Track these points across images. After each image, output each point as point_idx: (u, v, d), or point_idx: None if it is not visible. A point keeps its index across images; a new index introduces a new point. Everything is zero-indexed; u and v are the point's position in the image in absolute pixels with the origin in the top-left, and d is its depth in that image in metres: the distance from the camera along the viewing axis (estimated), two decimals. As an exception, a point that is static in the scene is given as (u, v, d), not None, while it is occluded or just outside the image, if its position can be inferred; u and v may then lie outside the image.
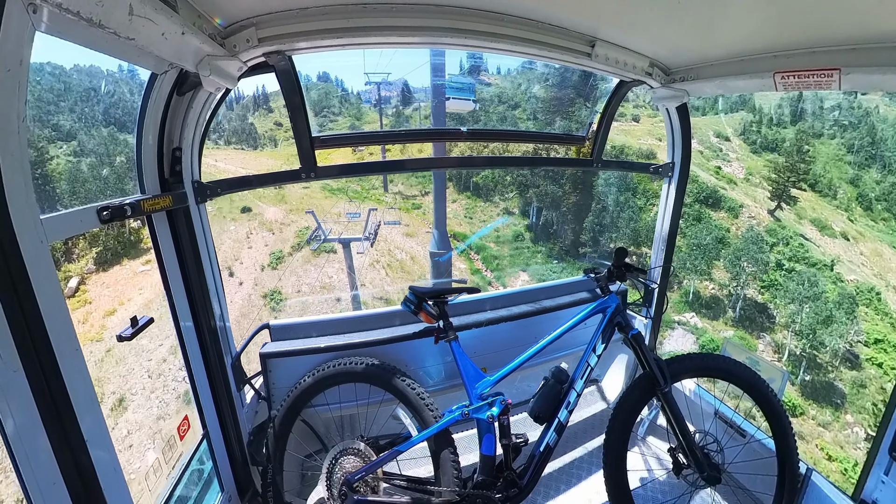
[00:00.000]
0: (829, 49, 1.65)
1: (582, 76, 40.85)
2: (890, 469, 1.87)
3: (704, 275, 32.15)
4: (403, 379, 2.09)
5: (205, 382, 1.90)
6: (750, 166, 42.78)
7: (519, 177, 42.73)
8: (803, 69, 1.73)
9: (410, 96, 54.62)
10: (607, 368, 3.33)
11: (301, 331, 2.33)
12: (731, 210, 37.63)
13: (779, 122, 45.96)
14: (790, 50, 1.76)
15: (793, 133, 43.06)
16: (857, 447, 23.02)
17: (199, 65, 1.33)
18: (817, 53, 1.69)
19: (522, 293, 2.77)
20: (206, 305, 1.83)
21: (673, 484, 2.44)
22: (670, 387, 2.05)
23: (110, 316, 25.17)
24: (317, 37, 1.47)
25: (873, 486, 1.93)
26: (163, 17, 1.02)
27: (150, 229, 1.63)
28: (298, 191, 40.60)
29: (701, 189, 37.73)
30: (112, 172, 33.00)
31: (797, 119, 45.45)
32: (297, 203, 37.97)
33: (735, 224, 36.88)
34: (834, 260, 32.93)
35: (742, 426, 2.44)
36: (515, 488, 1.97)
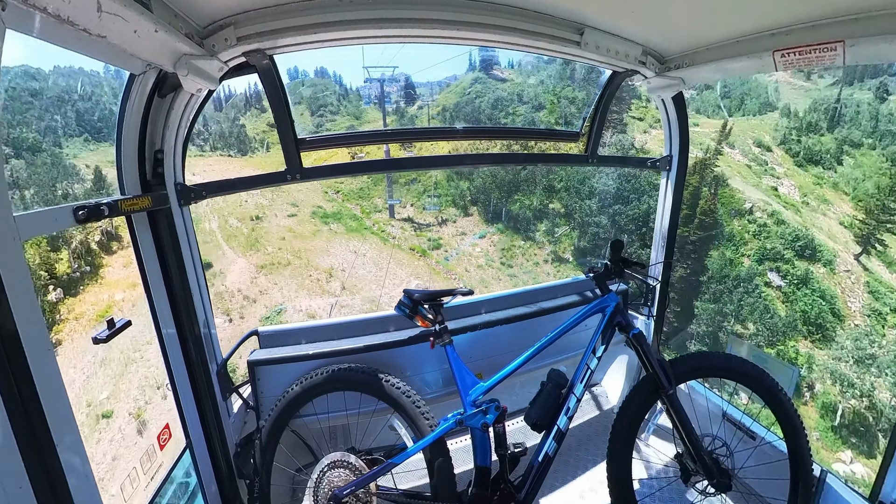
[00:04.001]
0: (831, 21, 1.62)
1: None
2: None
3: (850, 384, 24.01)
4: (397, 386, 2.06)
5: (188, 391, 1.88)
6: (800, 184, 39.54)
7: (567, 199, 36.93)
8: (804, 45, 1.70)
9: (415, 93, 52.57)
10: (608, 370, 3.30)
11: (291, 337, 2.31)
12: (827, 263, 32.14)
13: (815, 127, 43.43)
14: (789, 26, 1.74)
15: (832, 142, 41.10)
16: None
17: (177, 65, 1.34)
18: (818, 27, 1.66)
19: (519, 294, 2.75)
20: (189, 311, 1.82)
21: (682, 491, 2.39)
22: (675, 389, 2.01)
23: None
24: (296, 33, 1.48)
25: (891, 486, 1.90)
26: (133, 13, 1.03)
27: (129, 230, 1.65)
28: (282, 223, 35.72)
29: (791, 233, 32.76)
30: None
31: (834, 125, 43.15)
32: (276, 246, 32.92)
33: (835, 281, 31.38)
34: None
35: (752, 428, 2.40)
36: (513, 502, 1.93)
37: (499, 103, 48.05)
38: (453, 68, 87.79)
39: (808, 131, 42.85)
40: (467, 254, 35.91)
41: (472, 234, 37.49)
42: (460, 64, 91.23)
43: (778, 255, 31.68)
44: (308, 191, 39.99)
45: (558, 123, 44.22)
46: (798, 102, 46.33)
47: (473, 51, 58.74)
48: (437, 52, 77.74)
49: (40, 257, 25.57)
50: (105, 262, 28.72)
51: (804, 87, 49.57)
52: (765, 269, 30.86)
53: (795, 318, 27.81)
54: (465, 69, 62.24)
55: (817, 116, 43.86)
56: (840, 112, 43.33)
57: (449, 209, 39.37)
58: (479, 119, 46.38)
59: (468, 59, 60.04)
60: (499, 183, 38.37)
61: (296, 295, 30.10)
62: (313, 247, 34.03)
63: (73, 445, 1.10)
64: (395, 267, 34.03)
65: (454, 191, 40.26)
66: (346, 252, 33.87)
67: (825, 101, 44.92)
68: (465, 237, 37.18)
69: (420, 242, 36.45)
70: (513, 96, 49.66)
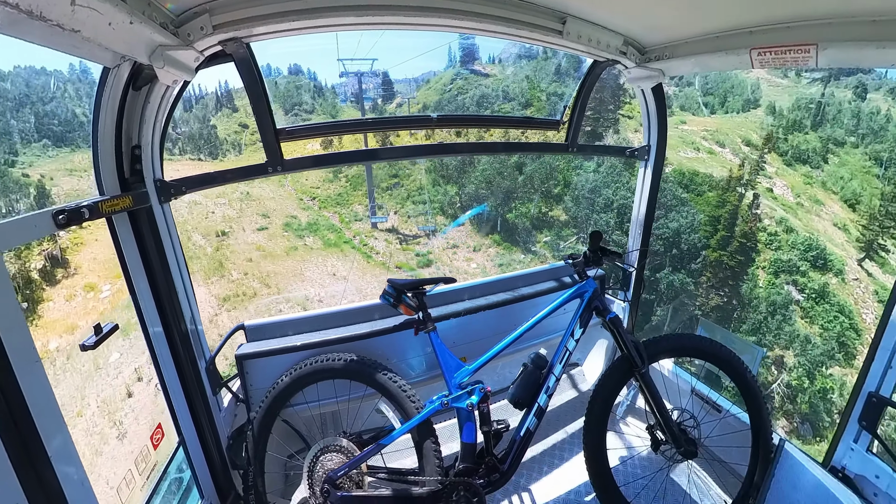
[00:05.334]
0: (806, 24, 1.70)
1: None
2: (859, 437, 2.01)
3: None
4: (384, 372, 2.14)
5: (178, 388, 1.90)
6: (792, 184, 38.00)
7: (576, 210, 32.64)
8: (780, 45, 1.77)
9: (393, 90, 50.81)
10: (588, 352, 3.46)
11: (278, 330, 2.35)
12: (839, 273, 30.33)
13: (799, 125, 43.21)
14: (767, 25, 1.81)
15: (816, 140, 40.90)
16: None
17: (153, 56, 1.32)
18: (794, 29, 1.74)
19: (500, 281, 2.83)
20: (175, 308, 1.83)
21: (652, 459, 2.59)
22: (648, 367, 2.16)
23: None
24: (273, 20, 1.47)
25: (843, 453, 2.07)
26: (108, 5, 1.02)
27: (111, 232, 1.62)
28: (250, 238, 31.30)
29: (804, 242, 30.84)
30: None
31: (817, 123, 43.07)
32: (243, 271, 28.38)
33: (847, 292, 29.60)
34: None
35: (718, 402, 2.58)
36: (497, 473, 2.06)
37: (484, 100, 46.47)
38: (432, 63, 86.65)
39: (793, 129, 42.70)
40: (462, 271, 31.93)
41: (466, 247, 33.61)
42: (439, 57, 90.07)
43: (794, 267, 29.81)
44: (281, 198, 37.01)
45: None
46: (778, 100, 46.61)
47: (453, 44, 57.23)
48: (413, 44, 76.82)
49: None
50: (45, 296, 24.12)
51: (782, 84, 50.54)
52: (782, 283, 29.17)
53: (832, 346, 25.40)
54: (444, 64, 60.47)
55: (801, 115, 44.01)
56: (823, 110, 43.73)
57: (437, 217, 36.11)
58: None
59: (447, 53, 58.31)
60: (494, 189, 35.20)
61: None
62: (285, 269, 29.80)
63: (66, 456, 1.10)
64: (379, 291, 30.91)
65: (442, 196, 37.08)
66: (323, 275, 29.68)
67: (807, 99, 45.33)
68: (457, 251, 33.35)
69: (407, 259, 32.05)
70: (497, 93, 47.98)
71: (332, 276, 29.29)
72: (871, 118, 42.62)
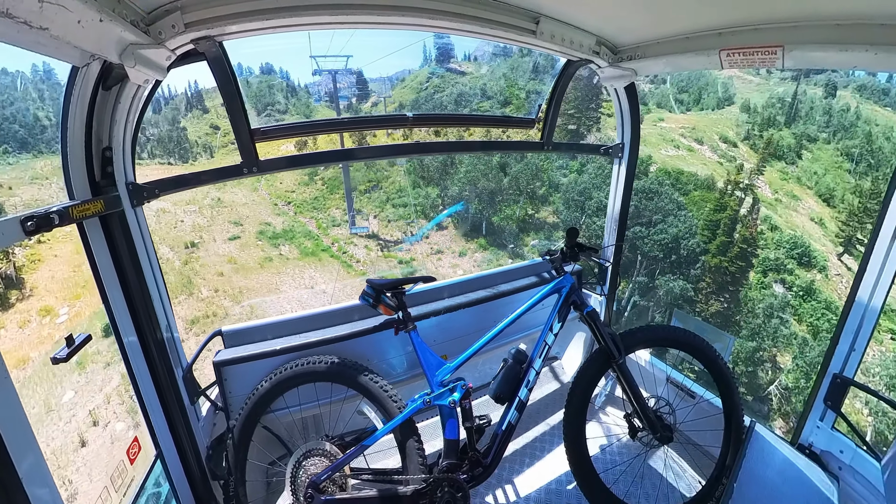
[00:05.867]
0: (773, 26, 1.80)
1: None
2: (824, 416, 2.17)
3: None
4: (365, 373, 2.17)
5: (154, 399, 1.87)
6: (769, 180, 39.33)
7: (567, 214, 32.00)
8: (748, 46, 1.88)
9: (368, 89, 50.48)
10: (566, 346, 3.59)
11: (256, 334, 2.34)
12: (822, 269, 31.32)
13: (773, 122, 44.94)
14: (735, 27, 1.91)
15: (789, 136, 42.57)
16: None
17: (123, 55, 1.31)
18: (761, 31, 1.84)
19: (479, 279, 2.90)
20: (150, 316, 1.80)
21: (630, 446, 2.73)
22: (624, 358, 2.26)
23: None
24: (246, 19, 1.48)
25: (810, 431, 2.23)
26: (77, 2, 1.01)
27: (82, 238, 1.59)
28: (221, 249, 29.53)
29: (789, 240, 31.62)
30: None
31: (790, 120, 45.00)
32: (213, 287, 26.41)
33: (831, 288, 30.24)
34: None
35: (692, 388, 2.73)
36: (480, 467, 2.12)
37: (462, 98, 46.63)
38: (406, 61, 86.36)
39: (767, 126, 44.22)
40: (449, 278, 31.22)
41: (451, 252, 33.20)
42: (413, 55, 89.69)
43: (781, 266, 30.71)
44: (254, 204, 36.01)
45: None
46: (751, 97, 48.17)
47: (428, 41, 57.30)
48: (386, 43, 76.29)
49: None
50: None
51: (754, 81, 52.55)
52: (770, 282, 29.99)
53: (826, 346, 26.21)
54: (419, 62, 60.69)
55: (774, 112, 45.60)
56: (796, 107, 45.54)
57: (419, 221, 35.59)
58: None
59: (422, 50, 58.61)
60: (479, 192, 34.97)
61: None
62: (259, 284, 28.11)
63: (39, 478, 1.08)
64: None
65: (423, 199, 36.78)
66: (300, 289, 28.48)
67: (780, 96, 47.04)
68: (442, 257, 32.77)
69: (389, 267, 31.31)
70: (475, 90, 48.40)
71: (310, 290, 28.30)
72: (841, 115, 44.59)
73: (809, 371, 24.42)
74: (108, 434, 17.28)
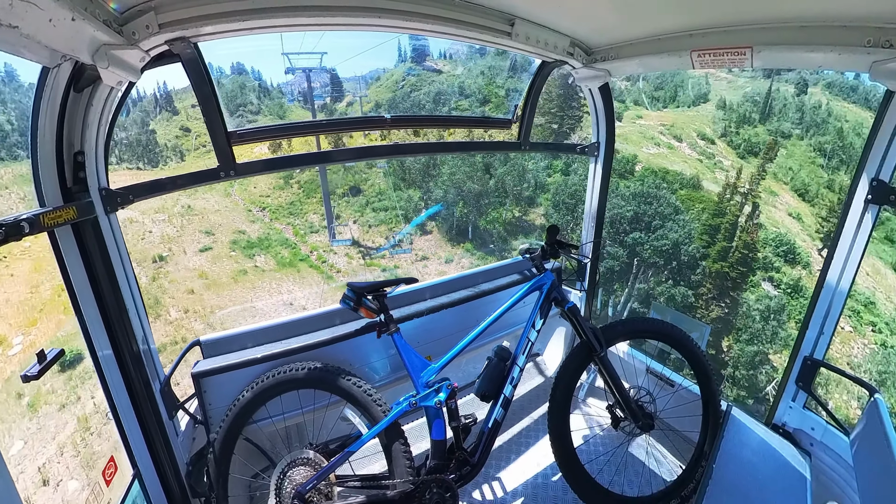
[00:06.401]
0: (742, 28, 1.91)
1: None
2: (796, 396, 2.33)
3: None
4: (348, 378, 2.17)
5: (131, 415, 1.83)
6: (748, 177, 38.76)
7: (558, 218, 31.32)
8: (718, 47, 1.99)
9: (342, 88, 50.25)
10: (547, 341, 3.70)
11: (236, 343, 2.32)
12: (806, 266, 31.78)
13: (748, 119, 46.14)
14: (706, 28, 2.02)
15: (763, 132, 43.80)
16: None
17: (96, 55, 1.30)
18: (730, 32, 1.95)
19: (461, 279, 2.95)
20: (125, 328, 1.76)
21: (612, 436, 2.86)
22: (606, 351, 2.36)
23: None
24: (221, 20, 1.49)
25: (783, 411, 2.39)
26: (48, 0, 1.01)
27: (53, 247, 1.55)
28: (192, 262, 27.80)
29: (775, 238, 32.12)
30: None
31: (765, 117, 46.22)
32: (182, 308, 24.94)
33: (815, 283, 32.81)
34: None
35: (671, 377, 2.87)
36: (468, 466, 2.16)
37: (440, 97, 46.61)
38: (380, 60, 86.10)
39: (743, 123, 45.55)
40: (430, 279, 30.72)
41: (437, 258, 32.36)
42: (387, 54, 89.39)
43: (769, 264, 31.16)
44: (227, 210, 34.44)
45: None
46: (726, 95, 49.49)
47: (402, 40, 57.08)
48: (357, 43, 75.72)
49: None
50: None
51: (727, 78, 54.23)
52: (759, 280, 30.35)
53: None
54: (394, 61, 60.59)
55: (749, 109, 46.84)
56: (769, 105, 46.98)
57: (400, 227, 34.72)
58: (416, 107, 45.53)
59: (397, 49, 58.15)
60: (464, 195, 34.43)
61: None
62: (233, 301, 26.34)
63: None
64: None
65: (405, 203, 36.01)
66: (278, 305, 26.76)
67: (750, 95, 48.44)
68: (428, 263, 32.15)
69: (374, 276, 28.39)
70: (454, 89, 48.41)
71: (288, 307, 26.85)
72: (813, 112, 46.28)
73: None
74: (59, 497, 14.89)
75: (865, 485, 1.83)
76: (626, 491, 2.50)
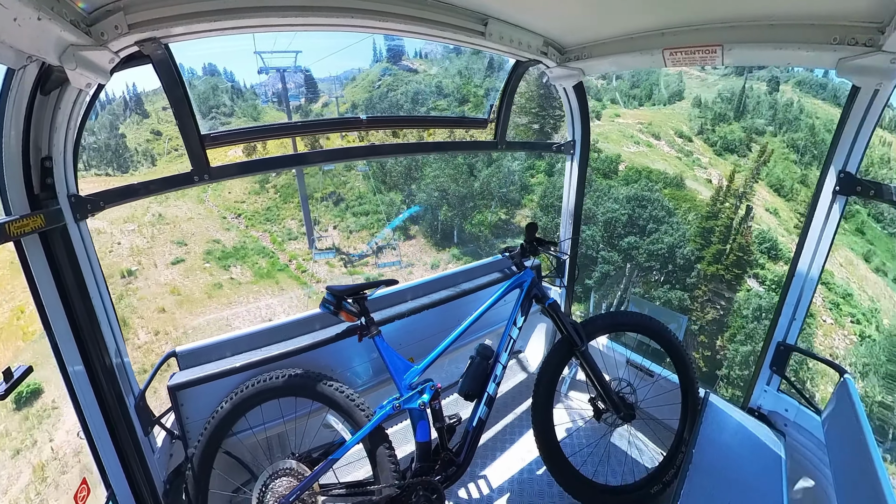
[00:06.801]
0: (712, 27, 1.99)
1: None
2: (771, 380, 2.45)
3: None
4: (330, 384, 2.15)
5: (104, 433, 1.77)
6: (725, 174, 38.93)
7: (546, 221, 30.60)
8: (689, 45, 2.08)
9: (317, 88, 49.54)
10: (529, 338, 3.78)
11: (214, 353, 2.26)
12: (789, 261, 34.95)
13: (723, 117, 47.30)
14: (677, 27, 2.10)
15: (739, 130, 45.20)
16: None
17: (63, 57, 1.29)
18: (701, 31, 2.03)
19: (441, 279, 2.99)
20: (97, 341, 1.70)
21: (595, 427, 2.95)
22: (586, 345, 2.43)
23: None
24: (192, 20, 1.49)
25: (758, 395, 2.51)
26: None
27: (20, 257, 1.51)
28: (163, 276, 26.38)
29: (758, 235, 32.23)
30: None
31: (739, 114, 47.42)
32: (152, 329, 23.46)
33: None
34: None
35: (650, 368, 2.98)
36: (453, 466, 2.18)
37: (419, 97, 46.53)
38: (355, 60, 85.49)
39: (719, 121, 46.85)
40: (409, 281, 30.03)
41: (423, 264, 32.11)
42: (363, 54, 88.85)
43: (754, 261, 31.15)
44: (200, 218, 33.38)
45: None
46: (700, 93, 50.94)
47: (377, 40, 56.87)
48: (331, 43, 75.11)
49: None
50: None
51: (700, 76, 55.75)
52: (740, 273, 29.95)
53: (809, 344, 25.82)
54: (369, 60, 60.44)
55: (724, 107, 48.23)
56: (743, 102, 48.38)
57: (382, 231, 34.06)
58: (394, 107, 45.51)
59: (372, 48, 58.05)
60: (449, 198, 34.23)
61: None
62: (207, 320, 24.61)
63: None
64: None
65: (387, 207, 35.50)
66: (257, 322, 20.60)
67: (720, 91, 49.98)
68: (413, 271, 31.58)
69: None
70: (431, 89, 48.34)
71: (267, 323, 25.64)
72: (786, 109, 47.98)
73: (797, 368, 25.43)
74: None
75: (837, 460, 1.93)
76: (610, 480, 2.59)
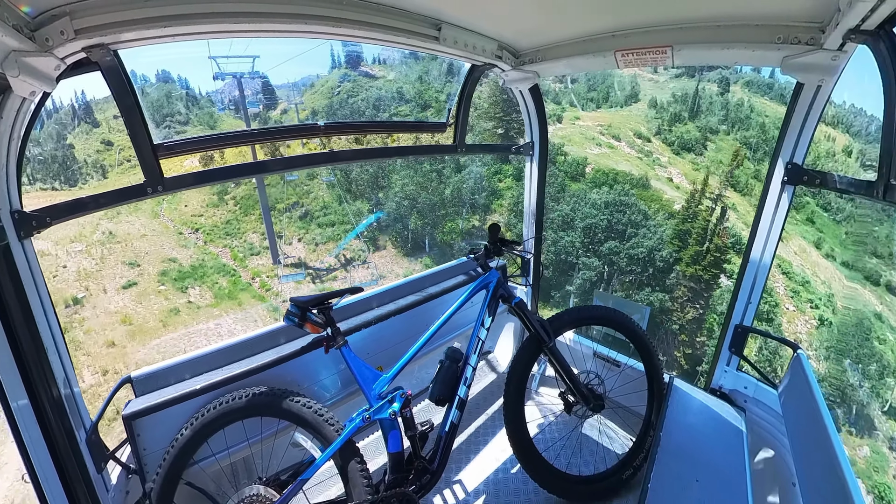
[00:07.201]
0: (662, 28, 2.10)
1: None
2: (730, 361, 2.63)
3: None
4: (296, 400, 2.09)
5: (52, 474, 1.62)
6: (684, 171, 42.05)
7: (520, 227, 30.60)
8: (640, 47, 2.18)
9: (275, 95, 48.46)
10: (497, 338, 3.87)
11: (171, 375, 2.15)
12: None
13: (678, 117, 49.17)
14: (628, 29, 2.20)
15: (694, 129, 47.23)
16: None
17: (5, 63, 1.25)
18: (651, 32, 2.14)
19: (406, 285, 3.00)
20: (44, 370, 1.57)
21: (566, 420, 3.04)
22: (554, 341, 2.51)
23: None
24: (142, 26, 1.47)
25: (719, 375, 2.68)
26: None
27: None
28: (114, 303, 24.37)
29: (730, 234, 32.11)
30: None
31: (693, 114, 49.57)
32: (100, 369, 21.22)
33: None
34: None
35: (617, 358, 3.12)
36: (427, 474, 2.18)
37: (380, 103, 46.33)
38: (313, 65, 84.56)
39: (675, 121, 48.79)
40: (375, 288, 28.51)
41: (395, 276, 30.10)
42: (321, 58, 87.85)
43: (730, 259, 30.97)
44: (155, 235, 31.54)
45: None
46: (655, 94, 53.13)
47: (335, 46, 56.80)
48: (287, 49, 73.61)
49: None
50: None
51: (653, 78, 58.20)
52: (718, 273, 30.46)
53: (781, 333, 27.06)
54: (328, 66, 60.16)
55: (679, 107, 50.37)
56: (697, 103, 50.72)
57: (351, 243, 32.94)
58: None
59: (330, 53, 57.48)
60: (419, 206, 33.73)
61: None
62: (164, 353, 22.20)
63: None
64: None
65: (354, 216, 34.61)
66: (218, 340, 20.20)
67: (674, 91, 52.41)
68: (383, 283, 29.74)
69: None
70: (392, 94, 48.26)
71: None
72: (737, 108, 50.61)
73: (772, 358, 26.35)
74: None
75: (793, 430, 2.08)
76: (583, 471, 2.67)
